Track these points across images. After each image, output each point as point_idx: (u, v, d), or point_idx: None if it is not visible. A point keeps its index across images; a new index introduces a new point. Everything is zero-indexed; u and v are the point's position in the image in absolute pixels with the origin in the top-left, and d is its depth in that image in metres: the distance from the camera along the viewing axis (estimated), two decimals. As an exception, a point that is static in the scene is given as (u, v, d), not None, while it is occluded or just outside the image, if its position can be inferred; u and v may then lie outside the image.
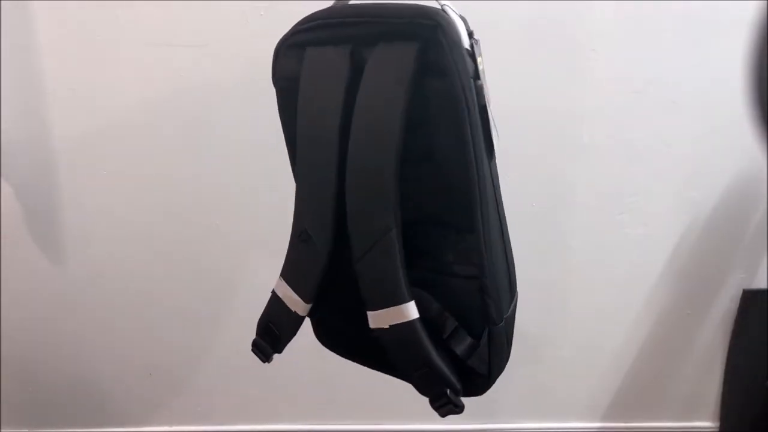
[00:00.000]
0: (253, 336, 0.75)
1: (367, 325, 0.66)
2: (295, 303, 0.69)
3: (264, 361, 0.74)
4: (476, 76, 0.59)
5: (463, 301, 0.65)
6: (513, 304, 0.69)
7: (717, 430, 1.40)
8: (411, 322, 0.63)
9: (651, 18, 1.14)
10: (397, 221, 0.62)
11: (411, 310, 0.63)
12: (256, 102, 1.16)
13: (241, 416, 1.39)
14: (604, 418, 1.41)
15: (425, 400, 0.66)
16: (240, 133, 1.18)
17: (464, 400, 0.66)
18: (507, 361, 0.69)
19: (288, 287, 0.70)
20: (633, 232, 1.27)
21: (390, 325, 0.64)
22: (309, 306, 0.70)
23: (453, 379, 0.64)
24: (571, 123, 1.19)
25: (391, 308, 0.64)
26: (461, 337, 0.66)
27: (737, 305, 1.32)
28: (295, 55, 0.66)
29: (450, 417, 0.66)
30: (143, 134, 1.19)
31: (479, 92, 0.59)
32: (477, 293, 0.65)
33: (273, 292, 0.71)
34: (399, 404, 1.34)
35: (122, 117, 1.17)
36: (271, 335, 0.72)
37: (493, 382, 0.68)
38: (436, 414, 0.66)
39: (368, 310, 0.65)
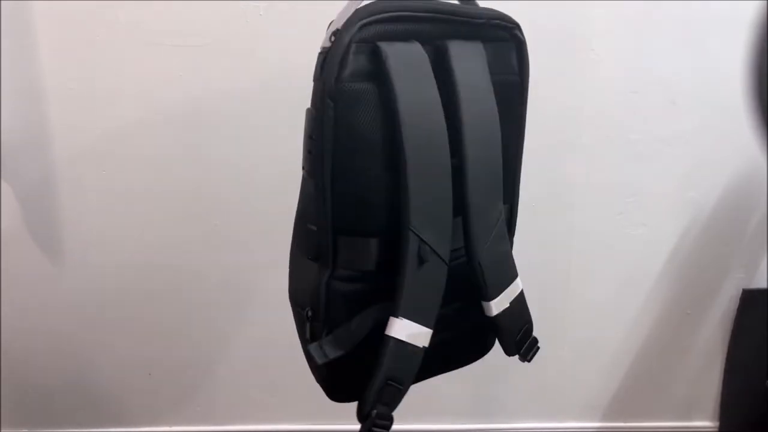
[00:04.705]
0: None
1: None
2: (424, 336, 0.63)
3: None
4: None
5: None
6: None
7: (716, 429, 1.40)
8: (521, 291, 0.71)
9: (651, 18, 1.14)
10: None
11: (519, 282, 0.71)
12: (256, 101, 1.17)
13: (241, 416, 1.39)
14: (604, 418, 1.41)
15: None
16: (240, 132, 1.18)
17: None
18: None
19: (412, 323, 0.62)
20: (633, 232, 1.27)
21: (510, 302, 0.69)
22: (431, 332, 0.63)
23: None
24: (571, 123, 1.20)
25: (511, 285, 0.69)
26: None
27: (737, 305, 1.32)
28: (366, 52, 0.60)
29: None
30: (143, 134, 1.18)
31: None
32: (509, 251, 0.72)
33: (391, 339, 0.61)
34: (399, 404, 1.33)
35: (122, 117, 1.17)
36: (391, 394, 0.64)
37: None
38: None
39: (489, 300, 0.68)
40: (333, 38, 0.60)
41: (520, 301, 0.71)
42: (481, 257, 0.65)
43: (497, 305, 0.68)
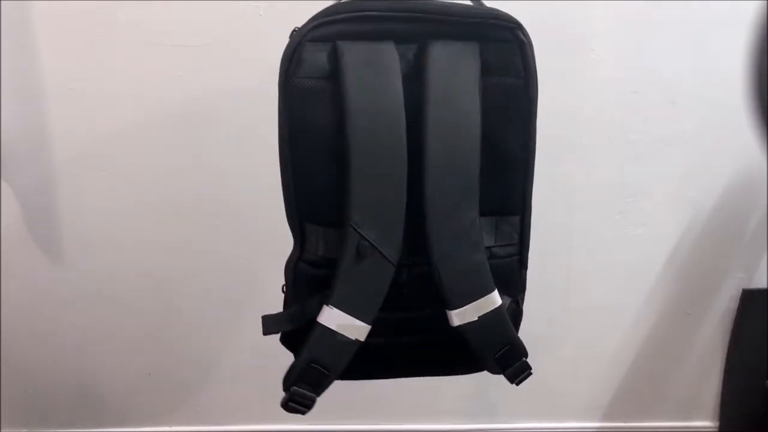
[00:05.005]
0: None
1: (411, 330, 0.67)
2: (356, 330, 0.64)
3: (305, 413, 0.67)
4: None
5: (502, 278, 0.68)
6: None
7: (716, 429, 1.40)
8: (499, 308, 0.66)
9: (650, 18, 1.14)
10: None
11: (497, 297, 0.66)
12: (256, 101, 1.16)
13: (241, 416, 1.39)
14: (603, 418, 1.41)
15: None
16: (240, 132, 1.18)
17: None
18: None
19: (345, 315, 0.63)
20: (632, 232, 1.27)
21: (479, 316, 0.66)
22: (369, 328, 0.64)
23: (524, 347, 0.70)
24: (571, 123, 1.20)
25: (482, 299, 0.65)
26: (520, 309, 0.72)
27: (737, 305, 1.32)
28: (323, 50, 0.61)
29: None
30: (143, 134, 1.19)
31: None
32: (515, 267, 0.70)
33: (320, 326, 0.64)
34: (399, 404, 1.33)
35: (122, 117, 1.17)
36: (316, 377, 0.66)
37: None
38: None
39: (450, 309, 0.65)
40: (291, 35, 0.62)
41: (495, 317, 0.66)
42: (439, 264, 0.64)
43: (460, 316, 0.65)
